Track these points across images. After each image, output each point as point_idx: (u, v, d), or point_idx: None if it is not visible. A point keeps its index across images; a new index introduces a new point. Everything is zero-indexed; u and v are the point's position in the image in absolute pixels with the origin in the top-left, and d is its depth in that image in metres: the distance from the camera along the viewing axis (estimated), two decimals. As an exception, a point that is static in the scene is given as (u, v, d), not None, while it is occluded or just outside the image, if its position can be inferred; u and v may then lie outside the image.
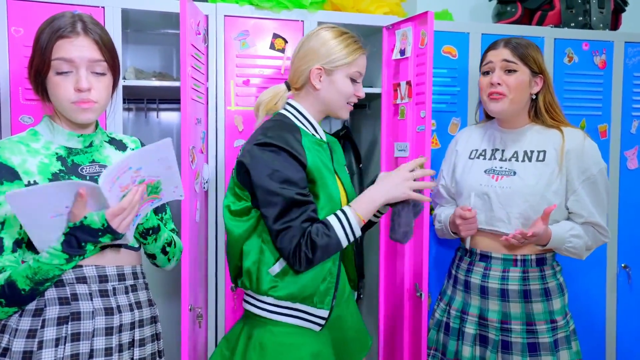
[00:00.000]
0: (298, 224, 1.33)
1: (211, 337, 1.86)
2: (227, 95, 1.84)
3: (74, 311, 1.20)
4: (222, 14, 1.82)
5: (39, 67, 1.20)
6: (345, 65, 1.45)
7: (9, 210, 1.14)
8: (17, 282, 1.14)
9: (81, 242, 1.14)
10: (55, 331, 1.18)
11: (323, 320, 1.42)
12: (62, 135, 1.27)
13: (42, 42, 1.19)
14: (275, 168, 1.35)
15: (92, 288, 1.23)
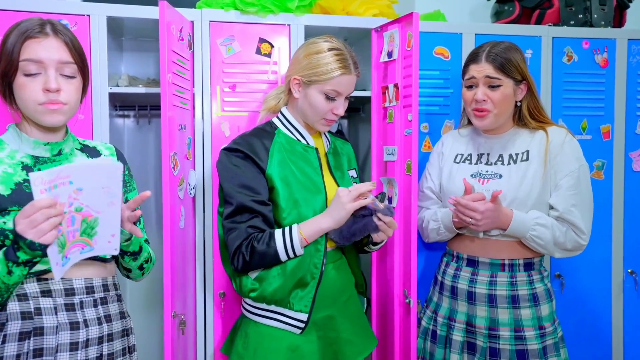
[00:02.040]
0: (244, 227, 1.44)
1: (200, 344, 1.85)
2: (213, 100, 1.84)
3: (37, 326, 1.17)
4: (207, 20, 1.82)
5: (6, 70, 1.18)
6: (321, 82, 1.49)
7: None
8: None
9: (14, 245, 1.08)
10: (17, 347, 1.15)
11: (302, 323, 1.48)
12: (27, 143, 1.24)
13: (9, 45, 1.18)
14: (235, 172, 1.47)
15: (58, 302, 1.20)
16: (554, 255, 1.62)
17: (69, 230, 1.09)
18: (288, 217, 1.49)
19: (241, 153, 1.49)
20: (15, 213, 1.15)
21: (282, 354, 1.48)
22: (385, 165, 1.88)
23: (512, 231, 1.56)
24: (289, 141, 1.56)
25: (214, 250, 1.84)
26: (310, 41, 1.56)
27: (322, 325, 1.55)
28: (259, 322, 1.52)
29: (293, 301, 1.48)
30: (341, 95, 1.52)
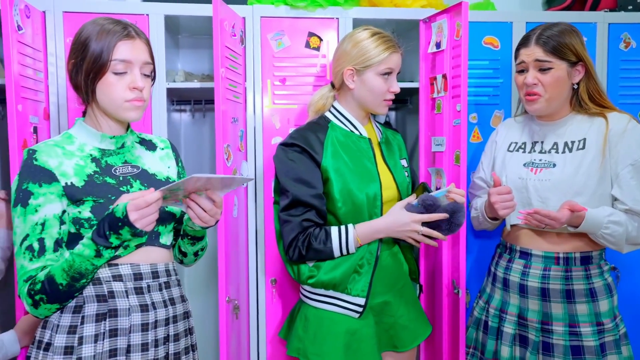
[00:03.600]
0: (298, 220, 1.52)
1: (253, 328, 1.92)
2: (264, 94, 1.90)
3: (111, 308, 1.24)
4: (258, 16, 1.87)
5: (95, 68, 1.23)
6: (375, 65, 1.56)
7: (48, 211, 1.20)
8: (55, 276, 1.18)
9: (106, 232, 1.16)
10: (94, 327, 1.23)
11: (360, 308, 1.55)
12: (95, 137, 1.31)
13: (98, 45, 1.23)
14: (291, 167, 1.54)
15: (128, 286, 1.27)
16: (621, 250, 1.56)
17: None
18: (343, 207, 1.55)
19: (297, 147, 1.55)
20: (90, 203, 1.23)
21: (341, 337, 1.54)
22: (433, 156, 1.89)
23: (584, 229, 1.51)
24: (342, 133, 1.61)
25: (266, 239, 1.91)
26: (351, 34, 1.62)
27: (379, 310, 1.60)
28: (318, 307, 1.58)
29: (350, 286, 1.55)
30: (394, 73, 1.59)
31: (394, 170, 1.65)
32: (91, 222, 1.23)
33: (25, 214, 1.19)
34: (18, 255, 1.20)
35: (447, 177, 1.79)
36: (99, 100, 1.27)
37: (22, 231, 1.20)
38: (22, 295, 1.20)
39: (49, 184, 1.21)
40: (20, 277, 1.20)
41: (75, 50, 1.26)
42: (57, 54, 1.79)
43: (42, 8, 1.76)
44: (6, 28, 1.50)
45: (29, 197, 1.20)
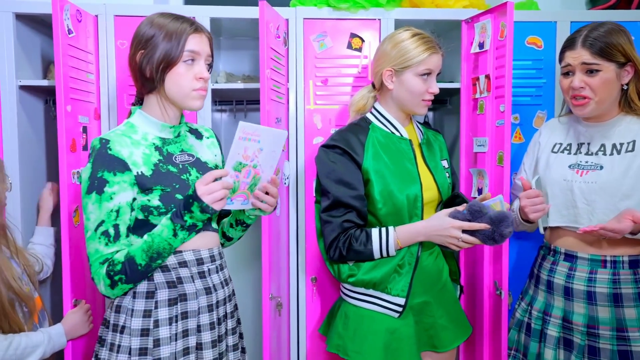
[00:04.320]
0: (339, 221, 1.54)
1: (293, 325, 1.95)
2: (306, 94, 1.92)
3: (181, 293, 1.35)
4: (301, 17, 1.90)
5: (168, 59, 1.30)
6: (414, 65, 1.56)
7: (122, 199, 1.28)
8: (136, 257, 1.27)
9: (182, 211, 1.27)
10: (168, 311, 1.33)
11: (400, 307, 1.56)
12: (156, 126, 1.38)
13: (171, 37, 1.30)
14: (332, 168, 1.56)
15: (192, 271, 1.37)
16: None
17: (243, 181, 1.31)
18: (383, 208, 1.56)
19: (339, 149, 1.57)
20: (158, 192, 1.31)
21: (381, 336, 1.55)
22: (474, 157, 1.88)
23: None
24: (383, 135, 1.62)
25: (307, 237, 1.94)
26: (391, 35, 1.63)
27: (419, 310, 1.61)
28: (358, 305, 1.60)
29: (390, 286, 1.56)
30: (433, 74, 1.59)
31: (435, 172, 1.65)
32: (160, 209, 1.31)
33: (100, 201, 1.26)
34: (92, 240, 1.27)
35: (490, 178, 1.78)
36: (167, 89, 1.34)
37: (97, 217, 1.27)
38: (98, 276, 1.29)
39: (122, 173, 1.28)
40: (95, 260, 1.28)
41: (145, 41, 1.32)
42: (108, 56, 1.85)
43: (94, 12, 1.83)
44: (57, 32, 1.56)
45: (104, 185, 1.27)
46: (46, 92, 2.04)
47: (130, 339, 1.30)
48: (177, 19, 1.34)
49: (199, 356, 1.36)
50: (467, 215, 1.48)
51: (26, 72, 1.88)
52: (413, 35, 1.57)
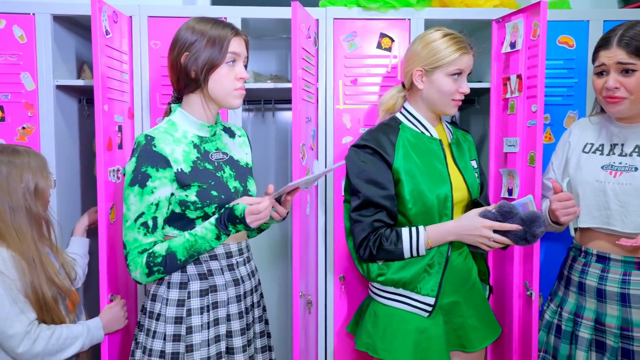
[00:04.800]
0: (369, 221, 1.55)
1: (321, 323, 1.97)
2: (335, 94, 1.94)
3: (212, 284, 1.45)
4: (331, 17, 1.91)
5: (212, 60, 1.40)
6: (444, 66, 1.56)
7: (162, 194, 1.37)
8: (177, 252, 1.39)
9: (226, 223, 1.39)
10: (199, 301, 1.43)
11: (429, 307, 1.57)
12: (195, 125, 1.47)
13: (216, 40, 1.40)
14: (363, 168, 1.57)
15: (222, 264, 1.47)
16: None
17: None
18: (414, 207, 1.57)
19: (369, 149, 1.58)
20: (195, 188, 1.39)
21: (411, 335, 1.56)
22: (504, 157, 1.87)
23: None
24: (413, 134, 1.63)
25: (335, 236, 1.95)
26: (422, 34, 1.64)
27: (448, 310, 1.62)
28: (388, 304, 1.61)
29: (420, 285, 1.57)
30: (464, 74, 1.60)
31: (465, 172, 1.65)
32: (196, 205, 1.40)
33: (142, 194, 1.36)
34: (131, 229, 1.37)
35: (520, 179, 1.77)
36: (211, 89, 1.43)
37: (138, 209, 1.36)
38: (135, 264, 1.38)
39: (164, 169, 1.37)
40: (133, 248, 1.38)
41: (189, 45, 1.41)
42: (141, 56, 1.88)
43: (128, 13, 1.86)
44: (95, 33, 1.60)
45: (147, 179, 1.35)
46: (80, 92, 2.09)
47: (165, 325, 1.40)
48: (218, 24, 1.43)
49: (229, 343, 1.46)
50: (498, 216, 1.48)
51: (62, 72, 1.93)
52: (444, 36, 1.58)
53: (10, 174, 1.48)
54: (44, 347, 1.43)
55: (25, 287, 1.44)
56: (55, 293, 1.49)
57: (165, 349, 1.40)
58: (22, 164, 1.51)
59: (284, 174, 2.47)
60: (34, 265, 1.46)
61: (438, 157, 1.62)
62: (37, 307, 1.46)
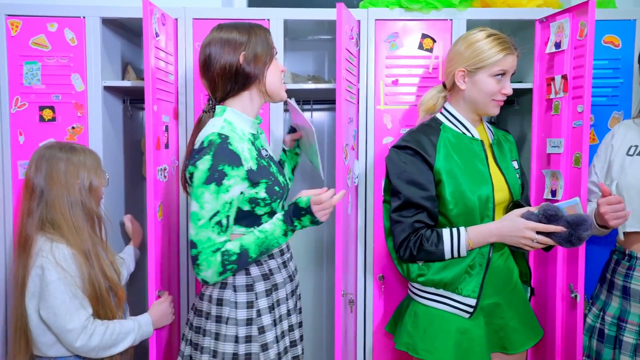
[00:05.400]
0: (410, 222, 1.56)
1: (360, 322, 1.98)
2: (376, 95, 1.94)
3: (274, 283, 1.49)
4: (373, 18, 1.92)
5: (268, 57, 1.47)
6: (488, 66, 1.56)
7: (235, 192, 1.38)
8: (250, 250, 1.41)
9: (291, 218, 1.43)
10: (266, 301, 1.46)
11: (471, 308, 1.56)
12: (248, 123, 1.50)
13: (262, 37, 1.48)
14: (404, 169, 1.58)
15: (278, 261, 1.51)
16: None
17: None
18: (455, 208, 1.56)
19: (410, 150, 1.58)
20: (263, 185, 1.42)
21: (452, 335, 1.56)
22: (547, 158, 1.86)
23: None
24: (454, 135, 1.63)
25: (375, 236, 1.96)
26: (465, 35, 1.63)
27: (489, 311, 1.61)
28: (428, 304, 1.61)
29: (461, 286, 1.56)
30: (507, 74, 1.59)
31: (506, 173, 1.64)
32: (266, 201, 1.44)
33: (218, 192, 1.35)
34: (205, 228, 1.35)
35: (565, 180, 1.75)
36: (268, 83, 1.49)
37: (213, 207, 1.35)
38: (207, 263, 1.37)
39: (238, 167, 1.38)
40: (207, 248, 1.36)
41: (243, 43, 1.45)
42: (186, 57, 1.92)
43: (174, 16, 1.90)
44: (146, 35, 1.64)
45: (224, 177, 1.35)
46: (123, 92, 2.14)
47: (237, 328, 1.42)
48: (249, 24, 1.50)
49: (291, 337, 1.53)
50: (542, 219, 1.47)
51: (108, 74, 1.98)
52: (488, 36, 1.57)
53: (67, 170, 1.54)
54: (99, 342, 1.48)
55: (84, 282, 1.49)
56: (107, 286, 1.54)
57: (238, 351, 1.41)
58: (78, 162, 1.57)
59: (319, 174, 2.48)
60: (90, 259, 1.51)
61: (479, 158, 1.62)
62: (93, 300, 1.51)
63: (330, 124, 2.47)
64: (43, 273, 1.45)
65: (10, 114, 1.88)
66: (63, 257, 1.46)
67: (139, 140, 2.35)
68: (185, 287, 1.98)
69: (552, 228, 1.46)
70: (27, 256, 1.52)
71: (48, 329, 1.48)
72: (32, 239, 1.52)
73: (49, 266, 1.45)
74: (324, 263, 2.50)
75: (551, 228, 1.46)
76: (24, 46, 1.86)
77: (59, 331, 1.45)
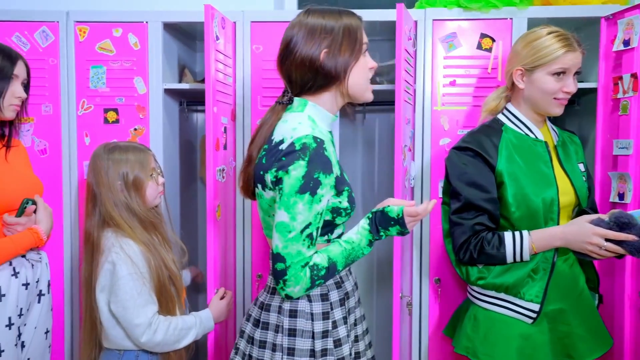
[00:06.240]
0: (470, 224, 1.53)
1: (415, 324, 1.96)
2: (433, 95, 1.92)
3: (345, 291, 1.38)
4: (430, 19, 1.90)
5: (354, 53, 1.30)
6: (546, 64, 1.52)
7: (325, 202, 1.25)
8: (338, 263, 1.29)
9: (378, 227, 1.31)
10: (341, 311, 1.35)
11: (534, 313, 1.52)
12: (327, 120, 1.34)
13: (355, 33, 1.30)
14: (464, 171, 1.55)
15: (346, 269, 1.39)
16: None
17: None
18: (517, 211, 1.53)
19: (471, 151, 1.56)
20: (346, 193, 1.29)
21: (515, 341, 1.52)
22: (614, 160, 1.79)
23: None
24: (517, 136, 1.59)
25: (431, 239, 1.93)
26: (525, 34, 1.60)
27: (553, 317, 1.56)
28: (488, 308, 1.57)
29: (523, 291, 1.53)
30: (569, 72, 1.53)
31: (572, 175, 1.59)
32: (347, 211, 1.31)
33: (312, 203, 1.21)
34: (296, 241, 1.22)
35: (635, 183, 1.69)
36: (351, 84, 1.31)
37: (306, 219, 1.21)
38: (297, 279, 1.24)
39: (329, 175, 1.24)
40: (297, 262, 1.23)
41: (330, 39, 1.27)
42: (244, 60, 1.95)
43: (233, 19, 1.94)
44: (208, 39, 1.67)
45: (318, 186, 1.21)
46: (180, 95, 2.19)
47: (313, 342, 1.30)
48: (342, 13, 1.32)
49: (355, 348, 1.41)
50: (613, 227, 1.41)
51: (167, 77, 2.03)
52: (548, 33, 1.53)
53: (109, 169, 1.55)
54: (163, 338, 1.51)
55: (151, 275, 1.52)
56: (167, 276, 1.56)
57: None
58: (119, 160, 1.57)
59: (370, 176, 2.47)
60: (152, 250, 1.54)
61: (543, 160, 1.57)
62: (157, 293, 1.54)
63: (382, 125, 2.45)
64: (114, 268, 1.49)
65: (77, 116, 1.95)
66: (133, 253, 1.50)
67: (191, 141, 2.40)
68: (241, 286, 2.01)
69: (622, 236, 1.40)
70: (92, 252, 1.56)
71: (118, 323, 1.52)
72: (94, 236, 1.56)
73: (120, 261, 1.49)
74: (374, 265, 2.48)
75: (622, 236, 1.40)
76: (90, 51, 1.94)
77: (126, 325, 1.49)
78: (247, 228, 1.99)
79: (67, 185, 1.96)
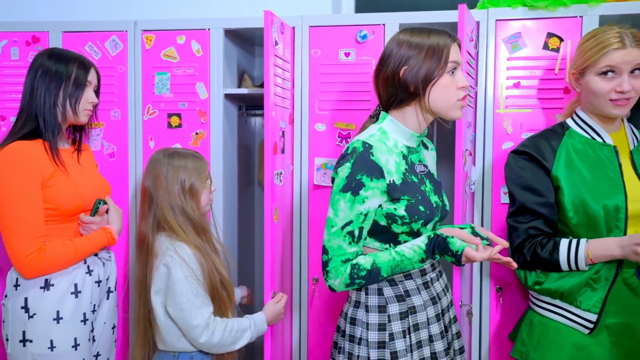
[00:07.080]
0: (524, 228, 1.52)
1: (475, 332, 1.90)
2: (496, 98, 1.86)
3: (410, 306, 1.38)
4: (493, 19, 1.84)
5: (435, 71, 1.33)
6: (592, 65, 1.48)
7: (372, 204, 1.32)
8: (382, 269, 1.34)
9: (434, 249, 1.33)
10: (401, 325, 1.37)
11: (590, 324, 1.48)
12: (405, 135, 1.40)
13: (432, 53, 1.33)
14: (519, 174, 1.55)
15: (417, 282, 1.41)
16: None
17: None
18: (575, 217, 1.49)
19: (527, 155, 1.55)
20: (404, 202, 1.34)
21: (567, 349, 1.49)
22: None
23: None
24: (582, 141, 1.55)
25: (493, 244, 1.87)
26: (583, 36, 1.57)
27: (617, 331, 1.49)
28: (544, 314, 1.55)
29: (580, 299, 1.48)
30: (619, 71, 1.45)
31: None
32: (404, 219, 1.35)
33: (353, 202, 1.31)
34: (337, 236, 1.32)
35: None
36: (432, 101, 1.35)
37: (346, 216, 1.32)
38: (336, 272, 1.33)
39: (377, 179, 1.31)
40: (337, 256, 1.33)
41: (407, 57, 1.34)
42: (302, 64, 1.97)
43: (291, 24, 1.96)
44: (267, 44, 1.69)
45: (361, 188, 1.30)
46: (239, 99, 2.24)
47: (369, 350, 1.36)
48: (434, 33, 1.36)
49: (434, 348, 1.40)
50: None
51: (227, 82, 2.08)
52: (595, 33, 1.49)
53: (168, 174, 1.61)
54: (220, 339, 1.55)
55: (204, 279, 1.56)
56: (219, 279, 1.60)
57: None
58: (179, 165, 1.63)
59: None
60: (205, 255, 1.59)
61: (611, 165, 1.50)
62: (210, 296, 1.58)
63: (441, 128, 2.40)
64: (169, 272, 1.54)
65: (142, 121, 2.03)
66: (187, 256, 1.55)
67: (248, 145, 2.44)
68: (297, 289, 2.02)
69: None
70: (146, 254, 1.62)
71: (174, 324, 1.57)
72: (148, 239, 1.62)
73: (175, 265, 1.53)
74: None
75: None
76: (156, 58, 2.01)
77: (184, 327, 1.54)
78: (304, 232, 2.00)
79: (133, 187, 2.05)
